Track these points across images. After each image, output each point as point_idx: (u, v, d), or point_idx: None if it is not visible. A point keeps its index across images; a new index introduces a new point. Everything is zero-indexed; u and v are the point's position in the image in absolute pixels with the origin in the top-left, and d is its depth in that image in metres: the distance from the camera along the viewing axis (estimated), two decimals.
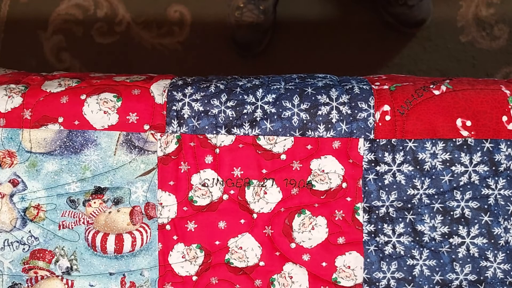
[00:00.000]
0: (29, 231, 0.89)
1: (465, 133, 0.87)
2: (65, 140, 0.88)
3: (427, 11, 1.60)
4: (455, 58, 1.65)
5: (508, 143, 0.87)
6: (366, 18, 1.66)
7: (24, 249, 0.90)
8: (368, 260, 0.90)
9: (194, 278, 0.91)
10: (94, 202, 0.89)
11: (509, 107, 0.87)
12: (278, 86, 0.92)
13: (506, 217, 0.88)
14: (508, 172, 0.88)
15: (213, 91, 0.90)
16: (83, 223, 0.89)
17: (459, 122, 0.87)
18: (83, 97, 0.89)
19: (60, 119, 0.88)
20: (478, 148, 0.87)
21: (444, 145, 0.88)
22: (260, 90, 0.90)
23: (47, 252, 0.90)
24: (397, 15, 1.58)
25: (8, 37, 1.74)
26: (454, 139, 0.87)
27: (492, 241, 0.88)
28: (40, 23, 1.74)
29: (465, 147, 0.87)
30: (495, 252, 0.88)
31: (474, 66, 1.66)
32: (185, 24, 1.69)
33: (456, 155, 0.87)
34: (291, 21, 1.68)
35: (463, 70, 1.65)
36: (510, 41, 1.64)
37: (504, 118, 0.87)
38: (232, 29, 1.61)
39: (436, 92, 0.89)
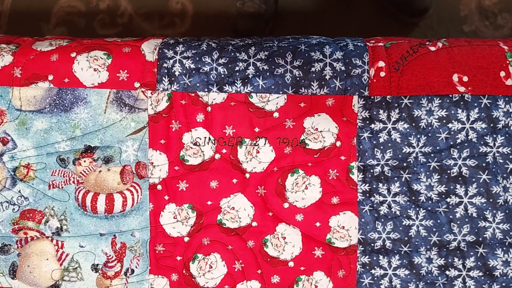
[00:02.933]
0: (19, 191, 0.88)
1: (461, 88, 0.85)
2: (55, 98, 0.87)
3: (430, 0, 1.57)
4: None
5: (506, 99, 0.85)
6: (367, 8, 1.64)
7: (14, 209, 0.89)
8: (362, 220, 0.88)
9: (186, 239, 0.89)
10: (84, 161, 0.88)
11: (507, 62, 0.85)
12: (271, 44, 0.90)
13: (505, 175, 0.86)
14: (507, 129, 0.85)
15: (204, 48, 0.89)
16: (73, 182, 0.88)
17: (455, 77, 0.85)
18: (73, 55, 0.88)
19: (50, 77, 0.87)
20: (475, 104, 0.85)
21: (440, 101, 0.85)
22: (253, 48, 0.89)
23: (37, 212, 0.88)
24: (399, 4, 1.56)
25: (11, 29, 1.74)
26: (450, 95, 0.85)
27: (491, 200, 0.86)
28: (43, 15, 1.74)
29: (462, 103, 0.85)
30: (494, 211, 0.86)
31: None
32: (186, 16, 1.69)
33: (452, 112, 0.85)
34: (292, 11, 1.66)
35: None
36: None
37: (502, 74, 0.85)
38: (234, 19, 1.60)
39: (432, 48, 0.87)
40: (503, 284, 0.86)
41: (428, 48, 0.87)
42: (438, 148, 0.86)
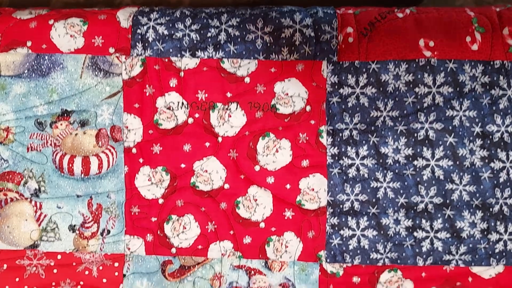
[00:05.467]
0: None
1: (428, 53, 0.87)
2: (33, 63, 0.90)
3: None
4: None
5: (472, 63, 0.87)
6: None
7: None
8: (331, 182, 0.90)
9: (160, 201, 0.92)
10: (61, 124, 0.90)
11: (473, 27, 0.87)
12: (243, 12, 0.92)
13: (471, 138, 0.87)
14: (473, 93, 0.87)
15: (178, 15, 0.91)
16: (51, 145, 0.91)
17: (421, 42, 0.87)
18: (51, 22, 0.90)
19: (29, 43, 0.90)
20: (442, 69, 0.87)
21: (407, 66, 0.87)
22: (225, 15, 0.91)
23: (16, 174, 0.91)
24: None
25: None
26: (417, 60, 0.87)
27: (457, 163, 0.88)
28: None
29: (428, 67, 0.87)
30: (461, 174, 0.88)
31: None
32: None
33: (419, 76, 0.87)
34: None
35: None
36: None
37: (468, 39, 0.87)
38: None
39: (400, 15, 0.89)
40: (470, 246, 0.88)
41: (396, 15, 0.89)
42: (405, 112, 0.88)
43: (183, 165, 0.91)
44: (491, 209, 0.87)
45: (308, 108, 0.89)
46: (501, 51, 0.86)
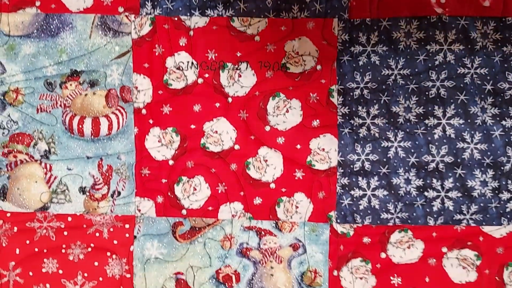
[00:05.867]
0: (8, 115, 0.91)
1: (439, 10, 0.86)
2: (42, 23, 0.89)
3: None
4: None
5: (484, 20, 0.86)
6: None
7: (3, 133, 0.91)
8: (342, 142, 0.89)
9: (171, 162, 0.92)
10: (70, 85, 0.90)
11: None
12: None
13: (482, 96, 0.87)
14: (484, 50, 0.86)
15: None
16: (60, 105, 0.91)
17: None
18: None
19: (37, 3, 0.89)
20: (453, 25, 0.86)
21: (418, 23, 0.86)
22: None
23: (26, 135, 0.91)
24: None
25: None
26: (428, 17, 0.86)
27: (469, 121, 0.87)
28: None
29: (439, 24, 0.86)
30: (472, 132, 0.87)
31: None
32: None
33: (430, 33, 0.86)
34: None
35: None
36: None
37: None
38: None
39: None
40: (481, 205, 0.88)
41: None
42: (416, 70, 0.87)
43: (193, 126, 0.91)
44: (502, 168, 0.87)
45: (318, 67, 0.89)
46: None
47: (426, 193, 0.88)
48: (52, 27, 0.89)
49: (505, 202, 0.87)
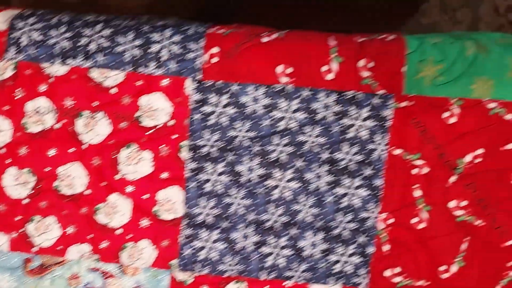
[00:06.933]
0: None
1: (284, 79, 0.91)
2: None
3: None
4: None
5: (327, 92, 0.91)
6: None
7: None
8: (188, 195, 0.94)
9: (25, 201, 0.95)
10: None
11: (330, 57, 0.91)
12: (119, 23, 0.95)
13: (319, 164, 0.92)
14: (324, 121, 0.91)
15: (54, 22, 0.94)
16: None
17: (279, 68, 0.91)
18: None
19: None
20: (297, 95, 0.91)
21: (265, 90, 0.91)
22: (100, 25, 0.94)
23: None
24: None
25: None
26: (274, 85, 0.91)
27: (304, 186, 0.93)
28: None
29: (284, 93, 0.91)
30: (307, 196, 0.93)
31: None
32: None
33: (276, 101, 0.91)
34: None
35: None
36: (472, 26, 1.59)
37: (324, 68, 0.91)
38: None
39: (266, 39, 0.93)
40: (310, 264, 0.93)
41: (262, 39, 0.92)
42: (261, 134, 0.92)
43: (48, 169, 0.94)
44: (332, 232, 0.93)
45: (171, 122, 0.93)
46: (354, 82, 0.91)
47: (261, 249, 0.94)
48: None
49: (333, 263, 0.93)
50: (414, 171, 0.91)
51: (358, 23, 1.57)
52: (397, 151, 0.91)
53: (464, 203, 0.90)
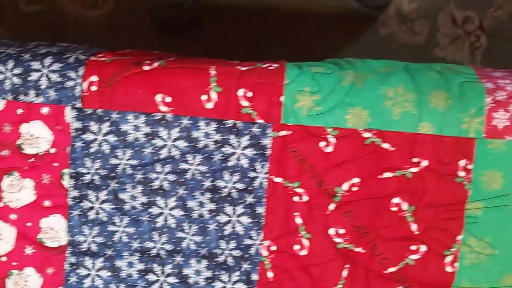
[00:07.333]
0: None
1: (164, 108, 0.90)
2: None
3: None
4: (374, 50, 1.60)
5: (207, 121, 0.91)
6: None
7: None
8: (71, 223, 0.94)
9: None
10: None
11: (210, 87, 0.90)
12: (5, 51, 0.94)
13: (201, 191, 0.92)
14: (206, 149, 0.91)
15: None
16: None
17: (158, 97, 0.90)
18: None
19: None
20: (177, 124, 0.91)
21: (145, 118, 0.91)
22: None
23: None
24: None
25: None
26: (153, 114, 0.91)
27: (188, 213, 0.93)
28: None
29: (164, 122, 0.91)
30: (190, 224, 0.93)
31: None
32: None
33: (156, 129, 0.91)
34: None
35: None
36: (430, 37, 1.61)
37: (204, 97, 0.90)
38: (151, 5, 1.57)
39: (146, 68, 0.92)
40: None
41: (142, 68, 0.91)
42: (143, 161, 0.92)
43: None
44: (216, 259, 0.93)
45: (52, 150, 0.92)
46: (234, 111, 0.90)
47: (147, 277, 0.94)
48: None
49: None
50: (295, 198, 0.91)
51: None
52: (278, 179, 0.91)
53: (342, 231, 0.91)
